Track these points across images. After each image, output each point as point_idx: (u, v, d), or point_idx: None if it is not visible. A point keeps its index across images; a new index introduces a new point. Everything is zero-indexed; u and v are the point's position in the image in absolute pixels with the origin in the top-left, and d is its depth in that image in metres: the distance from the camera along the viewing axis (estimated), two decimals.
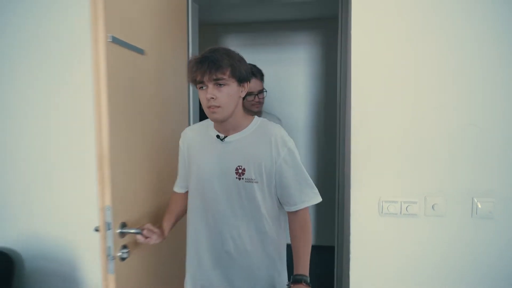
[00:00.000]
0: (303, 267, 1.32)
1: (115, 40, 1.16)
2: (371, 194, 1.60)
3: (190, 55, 2.04)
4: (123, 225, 1.21)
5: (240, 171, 1.30)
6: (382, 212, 1.59)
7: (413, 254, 1.59)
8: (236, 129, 1.34)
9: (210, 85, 1.23)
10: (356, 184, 1.61)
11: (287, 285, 1.36)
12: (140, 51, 1.37)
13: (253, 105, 2.10)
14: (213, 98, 1.24)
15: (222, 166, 1.33)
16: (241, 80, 1.29)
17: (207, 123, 1.41)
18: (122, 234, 1.20)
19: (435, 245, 1.58)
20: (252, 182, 1.30)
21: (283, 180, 1.32)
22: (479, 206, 1.54)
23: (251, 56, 3.81)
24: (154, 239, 1.32)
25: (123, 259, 1.20)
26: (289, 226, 1.39)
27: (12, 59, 1.88)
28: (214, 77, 1.22)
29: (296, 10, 3.36)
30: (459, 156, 1.54)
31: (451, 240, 1.57)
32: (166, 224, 1.44)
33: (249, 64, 2.09)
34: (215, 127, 1.36)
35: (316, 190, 1.37)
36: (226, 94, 1.25)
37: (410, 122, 1.56)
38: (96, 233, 1.28)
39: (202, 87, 1.25)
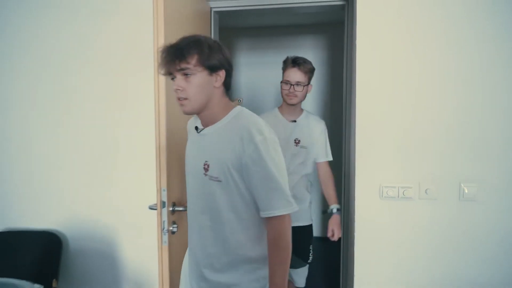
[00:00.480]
0: None
1: None
2: (373, 180, 1.84)
3: None
4: (174, 204, 1.47)
5: (206, 167, 1.21)
6: (382, 196, 1.83)
7: (409, 231, 1.83)
8: (214, 121, 1.24)
9: (178, 76, 1.16)
10: (360, 172, 1.85)
11: None
12: None
13: (287, 96, 2.03)
14: (179, 89, 1.16)
15: (195, 160, 1.27)
16: (213, 68, 1.17)
17: None
18: (173, 212, 1.46)
19: (428, 223, 1.82)
20: (214, 180, 1.19)
21: (250, 181, 1.17)
22: (466, 191, 1.78)
23: (261, 58, 4.05)
24: None
25: (173, 232, 1.45)
26: None
27: (96, 64, 2.11)
28: (178, 67, 1.14)
29: (304, 16, 3.55)
30: (448, 148, 1.78)
31: (441, 220, 1.81)
32: None
33: (295, 56, 2.06)
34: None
35: (289, 197, 1.19)
36: (194, 85, 1.15)
37: (407, 119, 1.80)
38: (139, 213, 1.57)
39: (173, 78, 1.18)
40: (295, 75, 2.00)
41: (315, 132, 2.13)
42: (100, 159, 2.10)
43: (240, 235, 1.22)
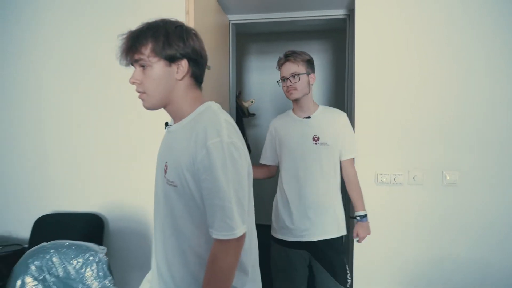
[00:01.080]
0: None
1: None
2: (370, 169, 2.13)
3: (231, 65, 2.61)
4: None
5: (165, 168, 1.09)
6: (377, 182, 2.13)
7: (400, 211, 2.13)
8: (182, 117, 1.11)
9: (136, 67, 1.06)
10: (358, 161, 2.12)
11: None
12: (208, 67, 1.95)
13: (287, 92, 1.87)
14: (136, 82, 1.06)
15: (160, 159, 1.16)
16: (171, 58, 1.04)
17: None
18: None
19: (416, 205, 2.12)
20: (170, 184, 1.06)
21: (202, 189, 1.01)
22: (447, 178, 2.08)
23: (270, 63, 4.31)
24: None
25: None
26: None
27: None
28: (133, 59, 1.04)
29: (310, 23, 3.84)
30: (432, 141, 2.08)
31: (426, 201, 2.12)
32: None
33: (291, 50, 1.88)
34: None
35: (233, 221, 0.98)
36: (151, 78, 1.04)
37: (399, 117, 2.10)
38: None
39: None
40: (289, 68, 1.86)
41: (335, 126, 1.91)
42: (135, 149, 2.40)
43: (200, 250, 1.07)
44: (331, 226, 1.88)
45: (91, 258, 1.56)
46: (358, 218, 1.92)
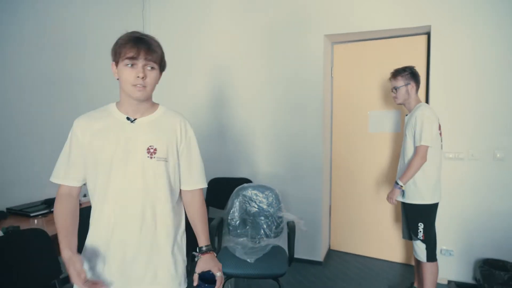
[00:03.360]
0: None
1: None
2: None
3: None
4: None
5: (152, 150, 1.34)
6: (445, 158, 2.89)
7: (462, 180, 2.91)
8: (148, 112, 1.38)
9: (143, 65, 1.26)
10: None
11: None
12: None
13: (393, 99, 2.60)
14: (145, 77, 1.27)
15: (140, 145, 1.36)
16: (162, 69, 1.36)
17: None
18: None
19: (473, 174, 2.89)
20: (163, 160, 1.35)
21: (185, 158, 1.43)
22: (497, 155, 2.80)
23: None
24: None
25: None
26: None
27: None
28: (146, 60, 1.26)
29: None
30: (486, 127, 2.81)
31: (481, 172, 2.87)
32: None
33: (395, 69, 2.57)
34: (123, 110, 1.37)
35: (205, 176, 1.51)
36: (153, 78, 1.30)
37: (460, 110, 2.87)
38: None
39: (129, 64, 1.26)
40: (392, 83, 2.56)
41: (410, 121, 2.45)
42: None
43: (172, 207, 1.40)
44: (411, 194, 2.46)
45: (271, 192, 2.71)
46: (394, 183, 2.50)
